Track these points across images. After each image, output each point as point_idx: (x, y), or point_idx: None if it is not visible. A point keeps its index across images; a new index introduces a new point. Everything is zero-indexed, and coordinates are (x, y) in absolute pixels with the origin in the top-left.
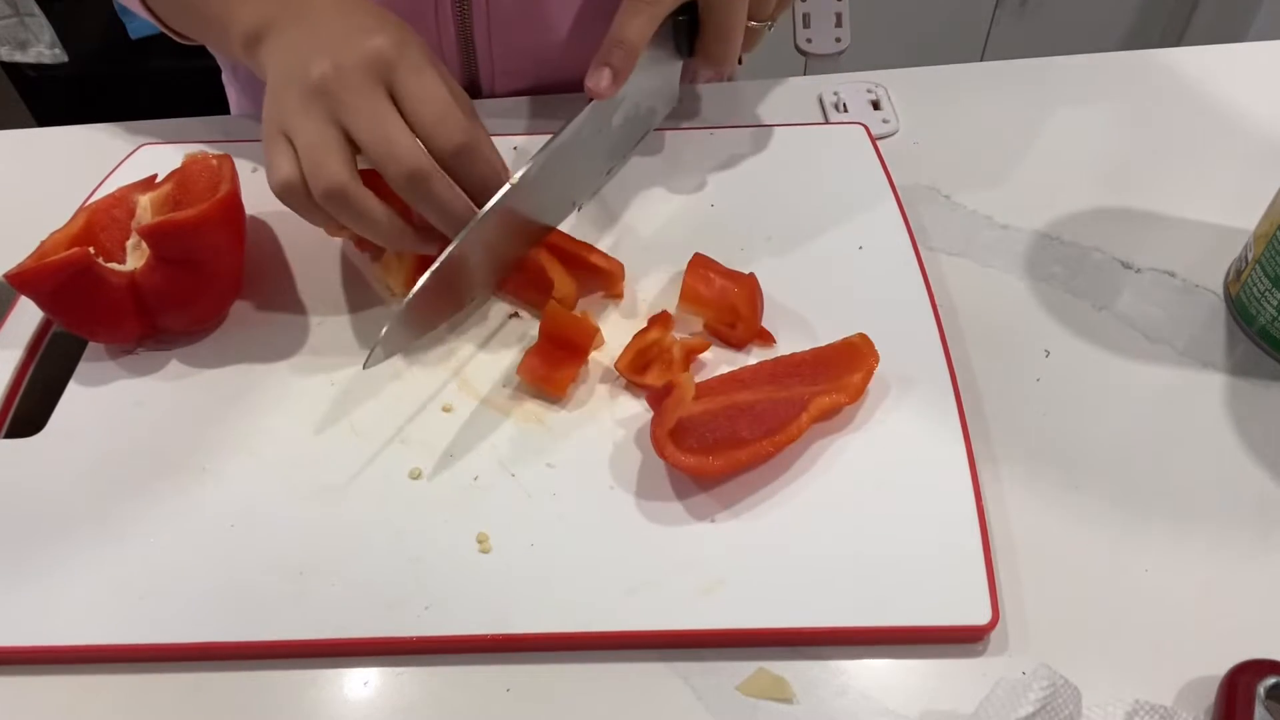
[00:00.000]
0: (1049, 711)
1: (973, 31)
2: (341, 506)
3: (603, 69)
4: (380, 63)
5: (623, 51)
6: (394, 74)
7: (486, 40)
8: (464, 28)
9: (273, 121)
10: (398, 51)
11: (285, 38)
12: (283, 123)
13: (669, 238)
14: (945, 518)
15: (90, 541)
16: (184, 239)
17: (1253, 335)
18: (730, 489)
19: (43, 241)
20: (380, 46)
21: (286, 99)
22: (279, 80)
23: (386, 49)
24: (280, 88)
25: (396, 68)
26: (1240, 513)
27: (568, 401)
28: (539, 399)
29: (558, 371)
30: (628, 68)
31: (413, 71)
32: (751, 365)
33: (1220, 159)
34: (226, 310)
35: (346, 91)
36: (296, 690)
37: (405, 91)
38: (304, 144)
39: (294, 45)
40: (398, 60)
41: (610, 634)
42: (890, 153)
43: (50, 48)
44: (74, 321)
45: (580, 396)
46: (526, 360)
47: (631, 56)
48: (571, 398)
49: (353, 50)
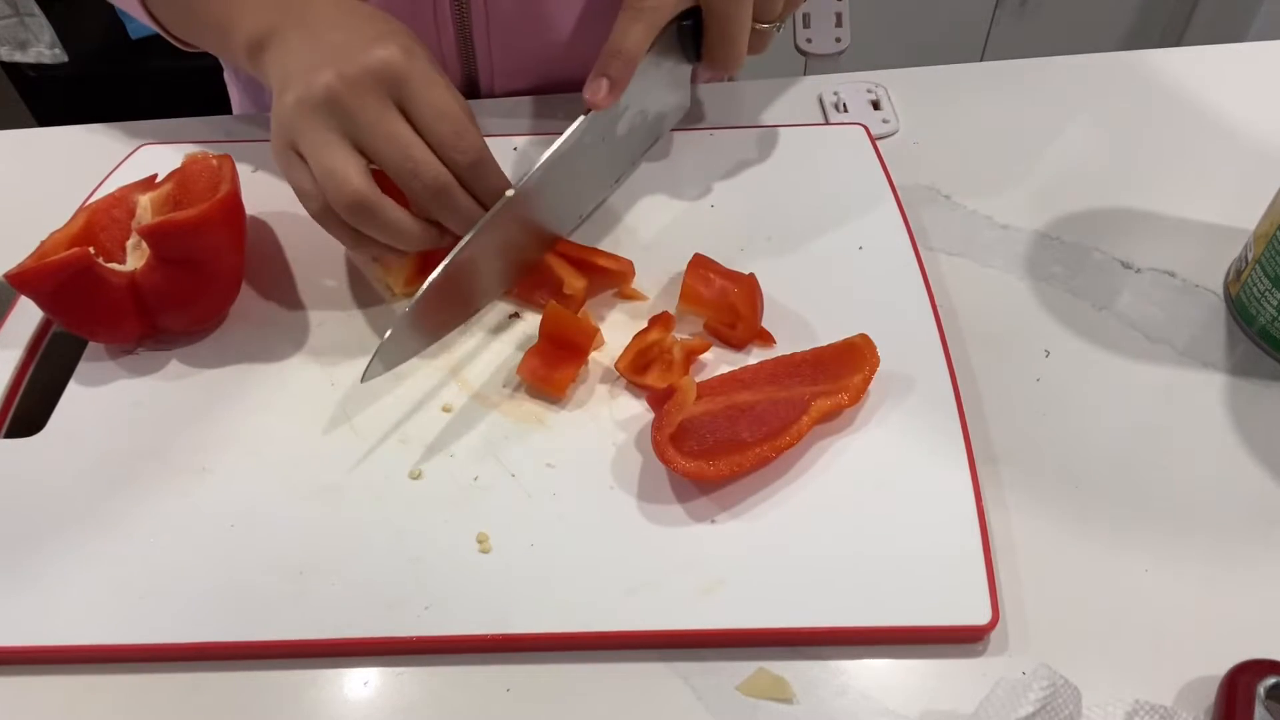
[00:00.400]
0: (1049, 711)
1: (973, 31)
2: (341, 506)
3: (600, 79)
4: (389, 75)
5: (620, 61)
6: (404, 87)
7: (485, 40)
8: (463, 27)
9: (280, 137)
10: (407, 62)
11: (288, 45)
12: (291, 139)
13: (669, 238)
14: (945, 518)
15: (90, 541)
16: (184, 239)
17: (1253, 335)
18: (730, 489)
19: (43, 241)
20: (389, 58)
21: (294, 113)
22: (284, 92)
23: (395, 60)
24: (286, 100)
25: (407, 81)
26: (1240, 513)
27: (568, 401)
28: (539, 399)
29: (557, 371)
30: (626, 77)
31: (424, 84)
32: (752, 365)
33: (1220, 159)
34: (227, 310)
35: (356, 106)
36: (296, 690)
37: (419, 106)
38: (317, 160)
39: (297, 54)
40: (408, 72)
41: (610, 634)
42: (890, 153)
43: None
44: (74, 321)
45: (580, 396)
46: (526, 360)
47: (630, 66)
48: (571, 398)
49: (360, 61)
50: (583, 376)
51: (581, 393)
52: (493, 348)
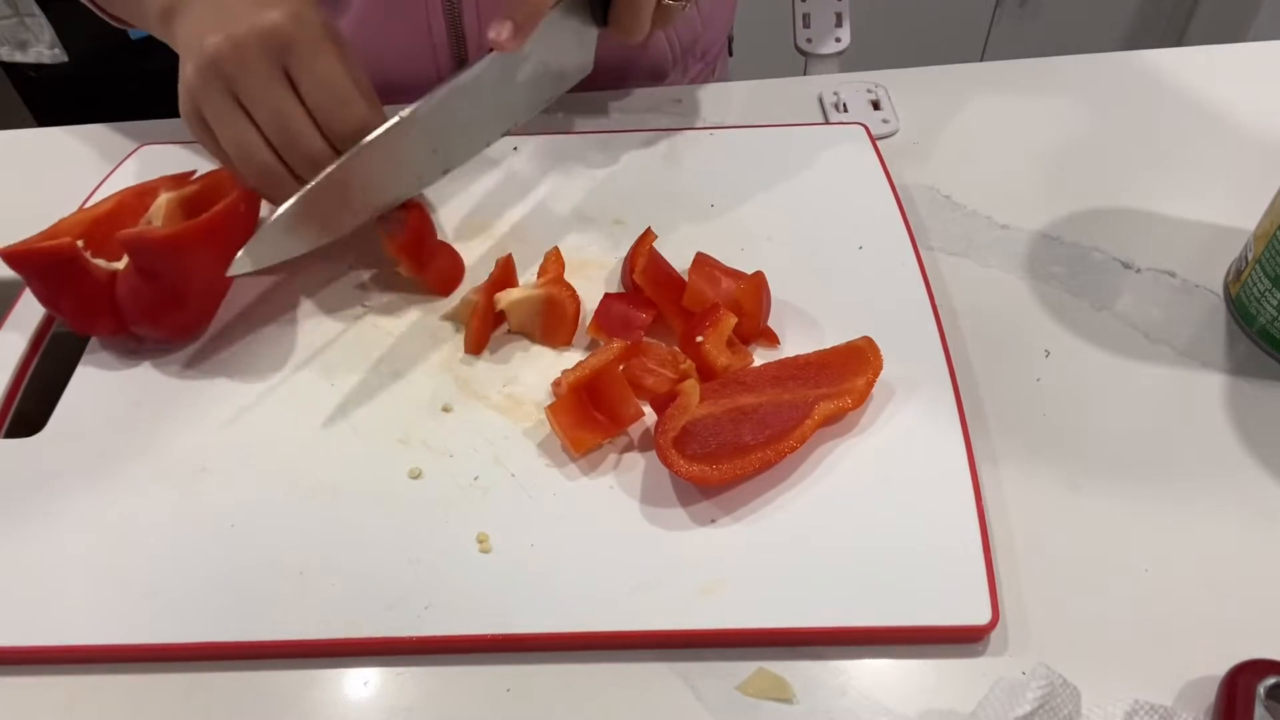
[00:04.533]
0: (1047, 711)
1: (973, 31)
2: (341, 506)
3: (506, 22)
4: (275, 40)
5: (528, 8)
6: (290, 53)
7: (476, 25)
8: (452, 14)
9: (185, 103)
10: (295, 27)
11: (193, 10)
12: (196, 104)
13: (669, 238)
14: (945, 518)
15: (90, 541)
16: (156, 256)
17: (1253, 335)
18: (731, 490)
19: (62, 219)
20: (275, 21)
21: (192, 79)
22: (184, 54)
23: (283, 24)
24: (186, 69)
25: (293, 46)
26: (1240, 513)
27: None
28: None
29: (585, 432)
30: (531, 24)
31: (310, 51)
32: (755, 367)
33: (1220, 159)
34: (201, 329)
35: (241, 70)
36: (296, 690)
37: (302, 73)
38: (219, 131)
39: (199, 18)
40: (295, 38)
41: (610, 634)
42: (890, 153)
43: (50, 48)
44: (55, 306)
45: None
46: (562, 403)
47: (536, 15)
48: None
49: (248, 24)
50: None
51: None
52: (493, 348)
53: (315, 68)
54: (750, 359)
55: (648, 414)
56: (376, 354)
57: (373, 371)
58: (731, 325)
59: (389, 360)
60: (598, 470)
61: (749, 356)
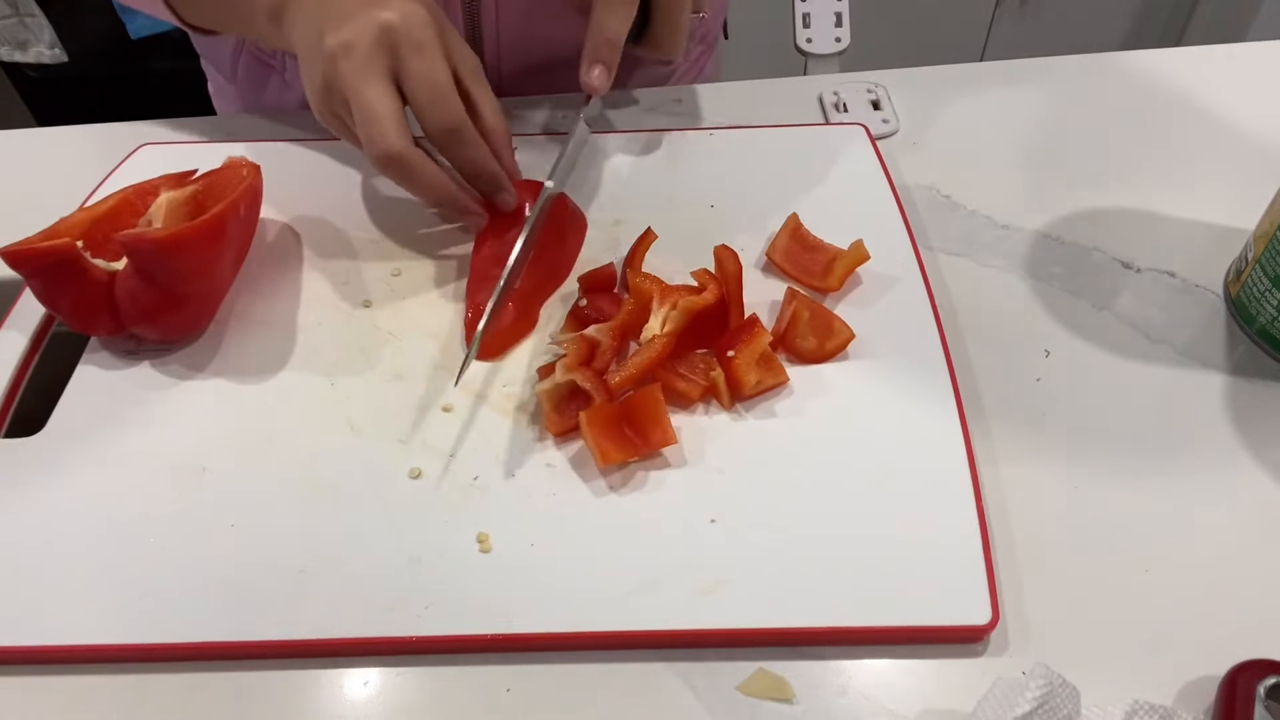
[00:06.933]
0: (1047, 710)
1: (973, 31)
2: (341, 506)
3: (596, 66)
4: (386, 39)
5: (610, 47)
6: (398, 51)
7: (494, 23)
8: (471, 12)
9: (312, 99)
10: (404, 26)
11: (304, 9)
12: (318, 101)
13: (669, 238)
14: (945, 518)
15: (90, 541)
16: (155, 257)
17: (1253, 335)
18: (731, 490)
19: (62, 219)
20: (386, 21)
21: (312, 76)
22: (303, 56)
23: (393, 24)
24: (305, 64)
25: (401, 45)
26: (1240, 513)
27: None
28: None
29: (614, 446)
30: (616, 60)
31: (415, 50)
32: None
33: (1220, 159)
34: (200, 329)
35: (351, 71)
36: (296, 690)
37: (406, 71)
38: (356, 115)
39: (311, 17)
40: (403, 37)
41: (610, 634)
42: (890, 153)
43: (50, 48)
44: (54, 306)
45: None
46: (595, 413)
47: (617, 50)
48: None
49: (360, 25)
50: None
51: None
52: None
53: (416, 65)
54: (784, 379)
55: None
56: (377, 354)
57: (373, 371)
58: (765, 343)
59: (389, 360)
60: (597, 470)
61: (783, 375)
